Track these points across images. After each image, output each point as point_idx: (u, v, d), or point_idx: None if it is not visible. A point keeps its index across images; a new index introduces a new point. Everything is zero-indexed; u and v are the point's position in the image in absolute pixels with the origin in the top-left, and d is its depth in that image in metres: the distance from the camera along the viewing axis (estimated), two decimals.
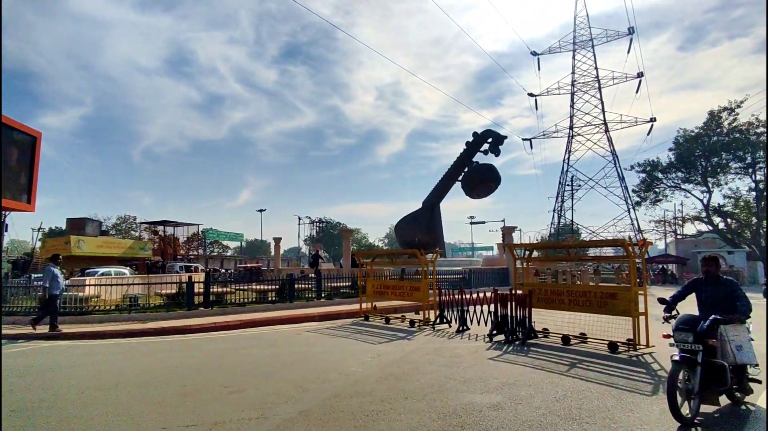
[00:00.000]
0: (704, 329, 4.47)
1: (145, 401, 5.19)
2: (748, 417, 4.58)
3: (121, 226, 65.05)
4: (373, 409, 4.75)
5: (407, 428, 4.21)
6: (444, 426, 4.24)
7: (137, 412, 4.76)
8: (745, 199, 40.52)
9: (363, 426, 4.26)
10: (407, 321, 11.45)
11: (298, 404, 4.98)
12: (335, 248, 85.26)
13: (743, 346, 4.62)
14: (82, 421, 4.51)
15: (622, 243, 8.46)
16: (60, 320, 10.47)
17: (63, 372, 6.81)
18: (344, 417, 4.52)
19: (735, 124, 39.77)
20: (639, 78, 54.05)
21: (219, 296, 13.49)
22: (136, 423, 4.45)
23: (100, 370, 6.90)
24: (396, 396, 5.21)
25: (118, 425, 4.40)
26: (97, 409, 4.89)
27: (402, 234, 30.15)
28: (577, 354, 7.66)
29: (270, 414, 4.65)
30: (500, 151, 28.68)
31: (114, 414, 4.71)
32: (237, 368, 6.88)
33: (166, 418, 4.56)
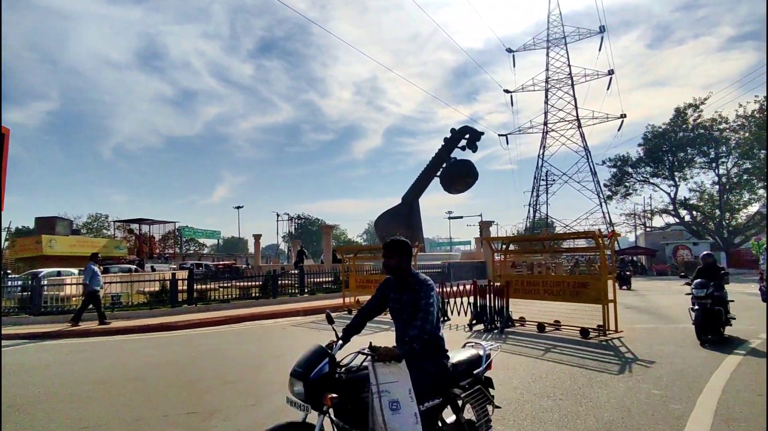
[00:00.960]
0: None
1: (142, 393, 5.36)
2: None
3: (93, 224, 63.34)
4: None
5: None
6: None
7: (136, 403, 4.94)
8: (709, 192, 42.39)
9: None
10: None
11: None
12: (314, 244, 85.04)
13: None
14: (84, 412, 4.67)
15: (593, 235, 8.96)
16: (41, 319, 10.42)
17: (54, 369, 6.88)
18: None
19: (699, 120, 41.46)
20: (610, 75, 55.67)
21: (202, 293, 13.55)
22: (136, 412, 4.63)
23: (92, 367, 7.00)
24: None
25: (120, 415, 4.57)
26: (97, 402, 5.05)
27: (382, 230, 30.46)
28: (551, 340, 8.12)
29: (265, 401, 4.90)
30: (477, 147, 29.26)
31: (114, 405, 4.88)
32: (227, 361, 7.08)
33: (165, 407, 4.76)
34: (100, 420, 4.45)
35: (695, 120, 41.66)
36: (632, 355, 6.78)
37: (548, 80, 58.95)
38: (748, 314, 10.64)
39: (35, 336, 9.73)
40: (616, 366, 6.17)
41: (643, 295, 16.58)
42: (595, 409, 4.39)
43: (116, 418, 4.48)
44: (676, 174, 43.00)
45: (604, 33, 56.01)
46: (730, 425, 3.95)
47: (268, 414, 4.47)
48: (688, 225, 43.51)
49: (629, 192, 47.51)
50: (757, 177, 38.01)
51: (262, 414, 4.48)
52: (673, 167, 42.81)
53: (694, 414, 4.21)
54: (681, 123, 42.39)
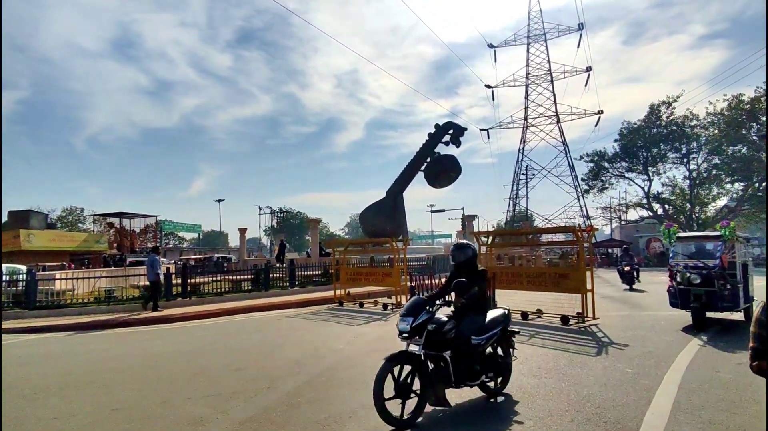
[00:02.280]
0: None
1: (161, 379, 5.73)
2: None
3: (68, 218, 61.98)
4: (367, 377, 5.49)
5: None
6: None
7: (157, 388, 5.32)
8: (680, 187, 44.06)
9: (362, 390, 5.01)
10: (380, 305, 12.27)
11: (301, 376, 5.68)
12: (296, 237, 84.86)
13: None
14: (110, 397, 5.02)
15: (573, 230, 9.60)
16: (36, 314, 10.57)
17: (65, 360, 7.17)
18: (344, 384, 5.27)
19: (672, 117, 42.96)
20: (588, 72, 57.00)
21: (195, 287, 13.79)
22: (160, 395, 5.01)
23: (102, 357, 7.30)
24: None
25: (146, 398, 4.95)
26: (119, 387, 5.40)
27: (367, 223, 30.88)
28: (534, 327, 8.73)
29: (279, 384, 5.33)
30: (461, 142, 29.85)
31: (137, 390, 5.24)
32: (232, 350, 7.46)
33: (186, 391, 5.15)
34: (127, 402, 4.81)
35: (668, 117, 43.13)
36: (608, 339, 7.43)
37: (528, 76, 59.95)
38: None
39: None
40: (593, 349, 6.80)
41: (617, 285, 17.46)
42: (576, 385, 4.97)
43: (143, 401, 4.86)
44: (649, 169, 44.52)
45: (582, 30, 57.24)
46: (691, 396, 4.56)
47: (283, 395, 4.90)
48: (660, 218, 45.17)
49: (605, 186, 48.93)
50: (724, 172, 39.71)
51: (278, 395, 4.91)
52: (647, 163, 44.31)
53: (661, 388, 4.82)
54: (655, 120, 43.84)
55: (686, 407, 4.24)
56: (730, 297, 8.10)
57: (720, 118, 39.67)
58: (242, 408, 4.53)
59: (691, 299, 8.21)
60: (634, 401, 4.42)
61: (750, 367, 1.96)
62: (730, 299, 8.10)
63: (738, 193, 41.10)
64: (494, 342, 4.65)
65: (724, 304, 8.08)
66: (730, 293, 8.11)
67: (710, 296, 8.08)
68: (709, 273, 8.17)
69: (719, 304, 8.06)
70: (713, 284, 8.05)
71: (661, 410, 4.16)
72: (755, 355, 1.93)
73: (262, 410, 4.45)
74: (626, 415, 4.05)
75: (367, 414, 4.23)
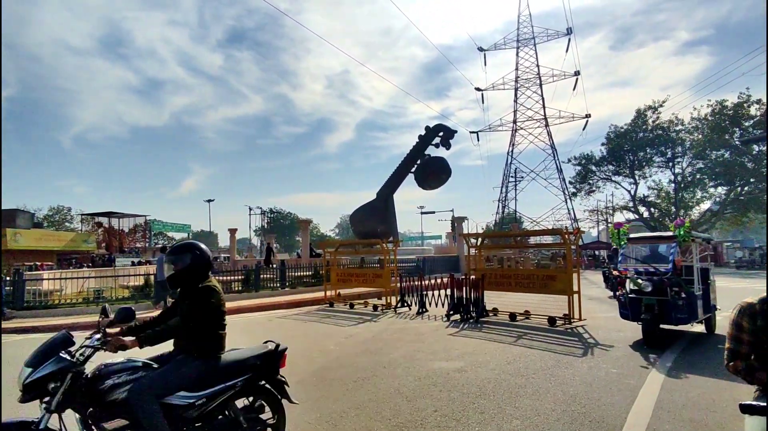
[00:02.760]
0: None
1: None
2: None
3: (54, 217, 61.03)
4: (358, 376, 5.60)
5: (390, 388, 5.10)
6: (420, 385, 5.17)
7: None
8: (666, 190, 44.83)
9: (353, 389, 5.10)
10: (370, 306, 12.34)
11: (292, 376, 5.68)
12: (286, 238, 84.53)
13: None
14: None
15: (560, 232, 9.77)
16: (24, 314, 10.46)
17: None
18: (336, 384, 5.34)
19: (658, 122, 43.70)
20: (576, 76, 57.70)
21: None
22: None
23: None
24: (375, 366, 6.08)
25: None
26: None
27: (358, 225, 30.89)
28: (522, 328, 8.87)
29: None
30: (451, 144, 29.99)
31: None
32: None
33: None
34: None
35: (654, 121, 43.87)
36: (594, 340, 7.59)
37: (518, 79, 60.54)
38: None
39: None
40: (580, 349, 6.95)
41: (604, 287, 17.73)
42: (562, 385, 5.09)
43: None
44: (636, 173, 45.22)
45: (571, 35, 57.96)
46: (673, 395, 4.71)
47: None
48: (646, 221, 45.88)
49: (593, 189, 49.58)
50: (708, 176, 40.49)
51: None
52: (634, 166, 45.00)
53: (644, 388, 4.97)
54: (641, 124, 44.54)
55: (668, 406, 4.38)
56: (686, 307, 7.05)
57: (704, 123, 40.45)
58: None
59: (642, 310, 7.21)
60: (618, 400, 4.56)
61: (726, 367, 2.08)
62: (686, 310, 7.04)
63: (721, 196, 41.92)
64: (232, 398, 3.08)
65: (680, 315, 7.03)
66: (686, 302, 7.06)
67: (663, 307, 7.05)
68: (661, 280, 7.19)
69: (674, 315, 7.02)
70: (666, 293, 7.05)
71: (644, 409, 4.30)
72: (731, 356, 2.05)
73: None
74: (610, 414, 4.18)
75: (358, 415, 4.30)
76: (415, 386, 5.15)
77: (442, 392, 4.91)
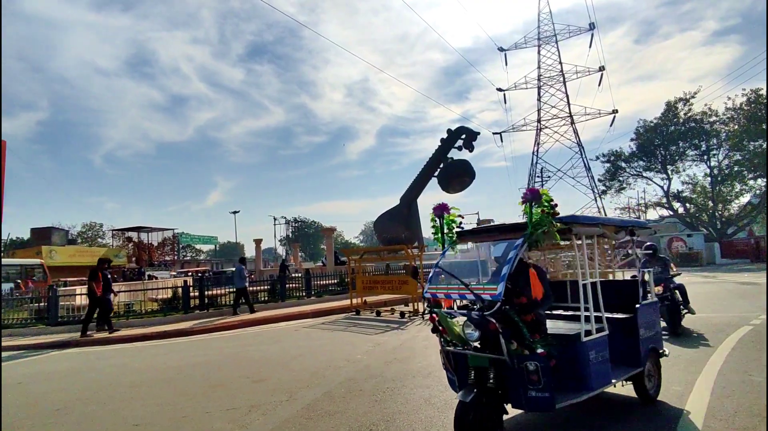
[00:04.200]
0: None
1: (179, 393, 5.72)
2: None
3: (88, 233, 63.24)
4: (387, 387, 5.43)
5: (421, 398, 4.91)
6: (452, 395, 4.94)
7: (176, 402, 5.30)
8: (701, 184, 43.07)
9: (383, 400, 4.94)
10: (397, 313, 12.15)
11: (320, 387, 5.61)
12: (311, 246, 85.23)
13: None
14: (129, 412, 5.02)
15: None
16: (57, 329, 10.74)
17: (86, 375, 7.22)
18: (364, 395, 5.18)
19: (690, 114, 42.13)
20: (601, 72, 56.30)
21: (212, 299, 13.87)
22: (179, 410, 4.99)
23: (122, 371, 7.34)
24: (404, 376, 5.90)
25: (165, 413, 4.93)
26: (137, 402, 5.40)
27: (381, 231, 30.79)
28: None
29: (298, 396, 5.26)
30: (474, 147, 29.63)
31: (155, 405, 5.23)
32: (252, 362, 7.43)
33: (205, 405, 5.12)
34: (147, 418, 4.80)
35: (686, 114, 42.31)
36: None
37: (540, 78, 59.51)
38: (741, 302, 11.14)
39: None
40: None
41: None
42: (605, 392, 4.78)
43: (162, 416, 4.84)
44: (668, 167, 43.67)
45: (594, 30, 56.69)
46: (723, 401, 4.36)
47: (302, 408, 4.84)
48: (681, 217, 44.19)
49: (623, 186, 48.13)
50: (747, 168, 38.69)
51: (297, 408, 4.85)
52: (666, 161, 43.47)
53: (693, 394, 4.63)
54: (672, 117, 43.04)
55: (720, 413, 4.05)
56: (544, 376, 3.30)
57: (739, 113, 38.77)
58: (261, 422, 4.48)
59: (470, 379, 3.67)
60: (666, 409, 4.25)
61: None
62: (540, 384, 3.30)
63: (761, 188, 39.98)
64: None
65: (535, 393, 3.35)
66: (541, 366, 3.29)
67: (501, 375, 3.50)
68: (484, 318, 3.39)
69: (521, 393, 3.43)
70: (498, 346, 3.37)
71: (695, 417, 3.98)
72: None
73: (281, 423, 4.39)
74: (661, 425, 3.89)
75: (388, 427, 4.14)
76: (446, 396, 4.95)
77: None
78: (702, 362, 5.86)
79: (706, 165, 42.10)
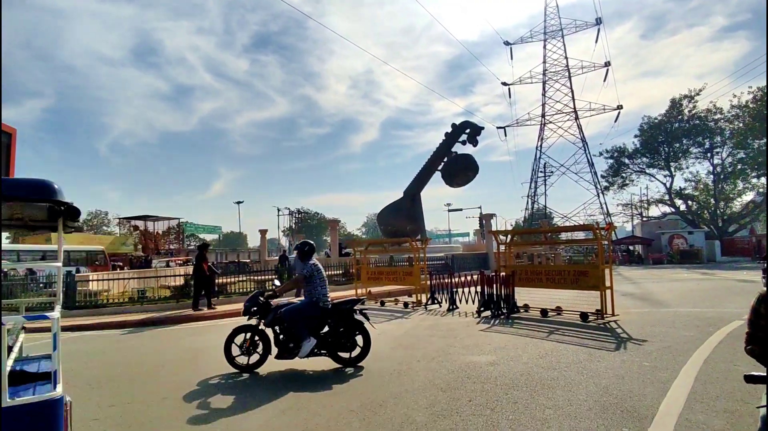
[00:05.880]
0: None
1: (200, 372, 6.13)
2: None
3: (93, 221, 63.91)
4: (393, 369, 5.84)
5: (426, 380, 5.31)
6: (454, 378, 5.37)
7: (199, 380, 5.72)
8: (704, 182, 43.22)
9: (390, 381, 5.34)
10: (401, 304, 12.55)
11: (332, 367, 6.02)
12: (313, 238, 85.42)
13: None
14: (157, 387, 5.44)
15: (591, 228, 9.74)
16: (74, 314, 11.23)
17: (110, 356, 7.67)
18: (374, 377, 5.59)
19: (694, 111, 42.17)
20: (606, 67, 56.24)
21: (222, 287, 14.30)
22: (205, 386, 5.41)
23: (143, 352, 7.79)
24: (410, 360, 6.31)
25: (191, 387, 5.35)
26: (165, 379, 5.84)
27: (385, 223, 31.19)
28: (554, 323, 8.92)
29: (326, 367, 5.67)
30: (478, 141, 29.93)
31: (180, 382, 5.65)
32: None
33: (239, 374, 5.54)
34: (175, 392, 5.22)
35: (690, 111, 42.37)
36: (627, 335, 7.59)
37: (545, 72, 59.48)
38: (735, 298, 11.50)
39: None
40: (612, 344, 6.98)
41: (638, 283, 17.43)
42: (594, 377, 5.19)
43: (189, 390, 5.26)
44: (671, 164, 43.80)
45: (600, 25, 56.52)
46: (707, 387, 4.75)
47: (319, 385, 5.24)
48: (683, 215, 44.39)
49: (626, 183, 48.30)
50: (750, 167, 38.81)
51: (314, 385, 5.26)
52: (669, 158, 43.59)
53: (677, 380, 5.01)
54: (677, 114, 43.09)
55: (702, 397, 4.44)
56: None
57: (745, 111, 38.81)
58: (282, 396, 4.89)
59: None
60: (650, 392, 4.63)
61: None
62: None
63: (765, 187, 40.11)
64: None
65: None
66: None
67: None
68: None
69: None
70: None
71: (677, 399, 4.37)
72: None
73: (300, 398, 4.80)
74: (643, 404, 4.27)
75: (397, 403, 4.54)
76: (449, 378, 5.35)
77: (476, 384, 5.09)
78: (689, 352, 6.25)
79: (710, 163, 42.27)
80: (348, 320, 6.13)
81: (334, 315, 6.13)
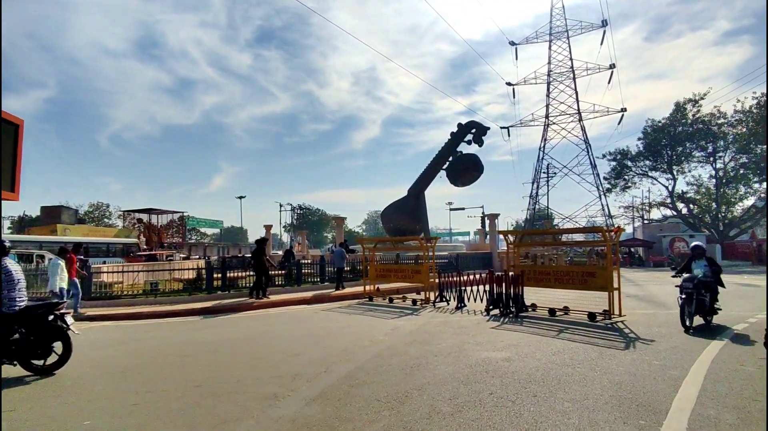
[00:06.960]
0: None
1: (226, 363, 6.37)
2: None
3: (94, 213, 64.00)
4: (413, 364, 6.06)
5: (445, 373, 5.53)
6: (473, 372, 5.58)
7: (226, 370, 5.94)
8: (706, 186, 43.43)
9: (411, 374, 5.56)
10: (409, 301, 12.78)
11: (351, 362, 6.24)
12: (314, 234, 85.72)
13: None
14: (185, 375, 5.66)
15: (601, 230, 9.95)
16: (90, 304, 11.47)
17: (133, 345, 7.89)
18: (393, 370, 5.80)
19: (698, 115, 42.32)
20: (611, 69, 56.38)
21: (232, 281, 14.53)
22: (232, 376, 5.63)
23: (163, 343, 8.01)
24: (426, 355, 6.53)
25: (218, 377, 5.57)
26: (191, 368, 6.05)
27: (389, 221, 31.40)
28: (562, 323, 9.14)
29: (333, 368, 5.90)
30: (483, 141, 30.08)
31: (208, 371, 5.88)
32: (282, 340, 8.08)
33: (251, 373, 5.76)
34: (205, 381, 5.44)
35: (694, 115, 42.52)
36: (635, 335, 7.81)
37: (550, 73, 59.59)
38: (738, 302, 11.71)
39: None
40: (621, 343, 7.20)
41: (642, 285, 17.65)
42: (607, 374, 5.41)
43: (218, 379, 5.48)
44: (674, 168, 44.00)
45: (606, 26, 56.59)
46: (716, 385, 4.97)
47: (341, 378, 5.46)
48: (684, 218, 44.61)
49: (628, 185, 48.48)
50: (752, 171, 39.01)
51: (336, 377, 5.48)
52: (672, 161, 43.78)
53: (688, 378, 5.23)
54: (680, 118, 43.24)
55: (712, 394, 4.66)
56: None
57: (748, 115, 38.98)
58: (307, 387, 5.11)
59: None
60: (662, 388, 4.85)
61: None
62: None
63: (766, 192, 40.31)
64: None
65: None
66: None
67: None
68: None
69: None
70: None
71: (689, 396, 4.59)
72: None
73: (326, 389, 5.02)
74: (656, 400, 4.49)
75: (421, 395, 4.75)
76: (468, 372, 5.57)
77: (494, 378, 5.32)
78: (697, 352, 6.47)
79: (712, 167, 42.45)
80: (42, 326, 5.76)
81: (23, 321, 5.66)
